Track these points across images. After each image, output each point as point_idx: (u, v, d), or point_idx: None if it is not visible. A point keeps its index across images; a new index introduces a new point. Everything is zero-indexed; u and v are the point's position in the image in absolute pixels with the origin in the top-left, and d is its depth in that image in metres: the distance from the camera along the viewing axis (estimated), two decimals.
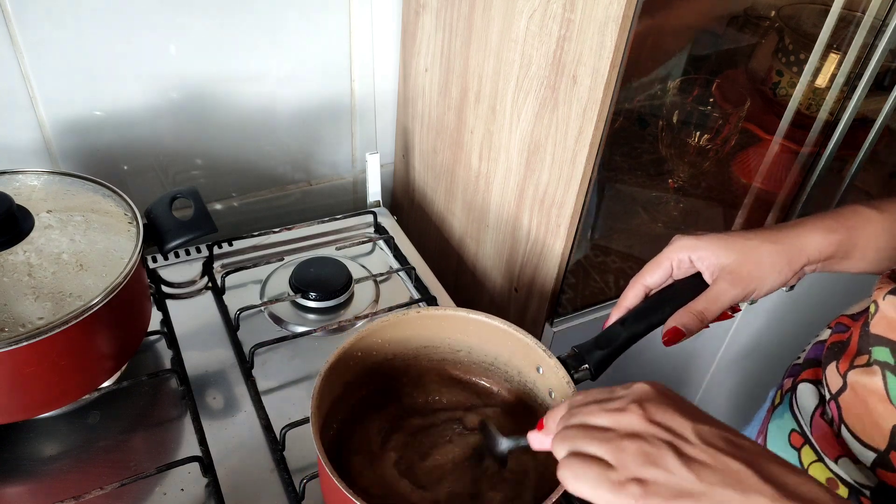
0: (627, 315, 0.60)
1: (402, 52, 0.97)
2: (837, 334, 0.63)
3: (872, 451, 0.55)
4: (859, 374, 0.56)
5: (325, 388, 0.57)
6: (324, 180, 1.04)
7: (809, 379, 0.65)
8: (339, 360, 0.59)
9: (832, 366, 0.60)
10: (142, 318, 0.69)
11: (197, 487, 0.63)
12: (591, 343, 0.60)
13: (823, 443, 0.60)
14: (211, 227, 0.71)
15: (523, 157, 0.78)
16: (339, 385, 0.61)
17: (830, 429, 0.60)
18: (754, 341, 1.21)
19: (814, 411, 0.62)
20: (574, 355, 0.60)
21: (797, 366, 0.69)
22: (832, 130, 0.90)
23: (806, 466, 0.61)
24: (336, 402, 0.61)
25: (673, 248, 0.60)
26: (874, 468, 0.55)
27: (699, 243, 0.59)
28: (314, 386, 0.55)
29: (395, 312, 0.63)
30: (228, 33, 0.84)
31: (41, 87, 0.78)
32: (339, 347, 0.59)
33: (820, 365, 0.64)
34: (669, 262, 0.60)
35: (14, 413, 0.61)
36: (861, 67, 0.86)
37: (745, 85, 1.10)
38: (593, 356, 0.59)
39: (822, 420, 0.61)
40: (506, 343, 0.63)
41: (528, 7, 0.70)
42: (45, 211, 0.64)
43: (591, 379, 0.60)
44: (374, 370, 0.64)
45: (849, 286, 1.26)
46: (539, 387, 0.62)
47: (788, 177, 1.03)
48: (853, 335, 0.60)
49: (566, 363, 0.59)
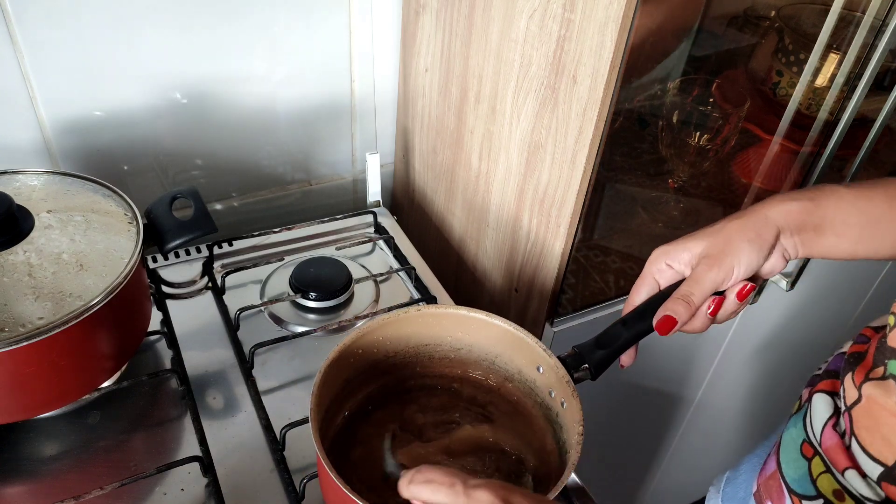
0: (629, 315, 0.60)
1: (402, 52, 0.97)
2: (857, 345, 0.63)
3: (880, 465, 0.55)
4: (874, 386, 0.56)
5: (325, 386, 0.57)
6: (324, 180, 1.04)
7: (826, 390, 0.64)
8: (339, 358, 0.59)
9: (849, 377, 0.59)
10: (142, 318, 0.69)
11: (197, 487, 0.63)
12: (591, 343, 0.60)
13: (832, 454, 0.59)
14: (211, 227, 0.71)
15: (523, 157, 0.78)
16: (340, 381, 0.61)
17: (841, 440, 0.59)
18: (755, 344, 1.21)
19: (826, 422, 0.62)
20: (574, 355, 0.60)
21: (817, 376, 0.69)
22: (832, 130, 0.90)
23: (815, 477, 0.61)
24: (336, 399, 0.61)
25: (650, 262, 0.61)
26: (880, 482, 0.55)
27: (670, 247, 0.60)
28: (314, 382, 0.55)
29: (395, 311, 0.63)
30: (229, 33, 0.84)
31: (41, 87, 0.78)
32: (340, 344, 0.59)
33: (838, 377, 0.64)
34: (651, 275, 0.61)
35: (14, 413, 0.61)
36: (861, 67, 0.86)
37: (745, 85, 1.10)
38: (594, 356, 0.59)
39: (835, 431, 0.60)
40: (506, 342, 0.63)
41: (528, 7, 0.70)
42: (45, 211, 0.64)
43: (591, 379, 0.60)
44: (374, 367, 0.64)
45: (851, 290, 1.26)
46: (539, 386, 0.62)
47: (788, 177, 1.03)
48: (871, 347, 0.60)
49: (566, 363, 0.59)
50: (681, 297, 0.57)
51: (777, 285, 1.07)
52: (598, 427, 1.11)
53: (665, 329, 0.57)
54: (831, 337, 1.31)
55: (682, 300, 0.57)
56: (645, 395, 1.15)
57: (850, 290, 1.26)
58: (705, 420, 1.33)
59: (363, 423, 0.63)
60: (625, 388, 1.07)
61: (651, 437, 1.32)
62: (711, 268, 0.57)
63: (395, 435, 0.62)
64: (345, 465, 0.59)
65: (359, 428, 0.62)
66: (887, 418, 0.54)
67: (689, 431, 1.33)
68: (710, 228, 0.59)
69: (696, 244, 0.58)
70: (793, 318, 1.21)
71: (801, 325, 1.23)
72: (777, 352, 1.26)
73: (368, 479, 0.58)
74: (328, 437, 0.60)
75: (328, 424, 0.60)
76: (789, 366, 1.29)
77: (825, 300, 1.22)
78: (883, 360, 0.56)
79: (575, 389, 0.57)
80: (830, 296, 1.22)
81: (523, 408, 0.65)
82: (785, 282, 1.05)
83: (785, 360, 1.29)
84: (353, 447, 0.61)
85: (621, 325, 0.60)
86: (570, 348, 0.60)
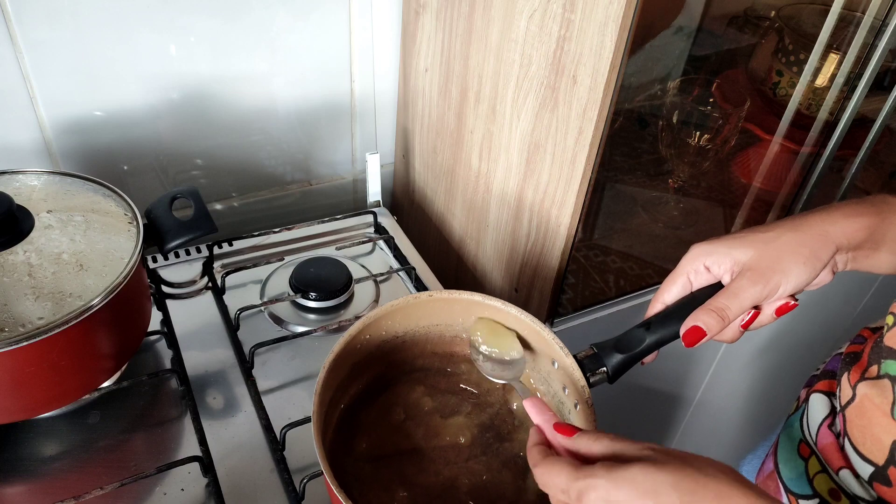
0: (653, 318, 0.57)
1: (402, 52, 0.97)
2: (854, 345, 0.62)
3: (871, 465, 0.54)
4: (868, 386, 0.55)
5: (331, 378, 0.56)
6: (324, 180, 1.04)
7: (823, 390, 0.63)
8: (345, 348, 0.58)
9: (845, 376, 0.58)
10: (142, 318, 0.69)
11: (197, 487, 0.63)
12: (610, 344, 0.56)
13: (827, 454, 0.59)
14: (211, 227, 0.71)
15: (523, 157, 0.78)
16: (347, 367, 0.60)
17: (836, 440, 0.59)
18: (755, 344, 1.21)
19: (822, 422, 0.61)
20: (592, 356, 0.56)
21: (814, 377, 0.68)
22: (832, 130, 0.91)
23: (811, 477, 0.60)
24: (342, 384, 0.61)
25: (687, 259, 0.57)
26: (871, 482, 0.54)
27: (713, 247, 0.55)
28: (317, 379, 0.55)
29: (407, 296, 0.62)
30: (229, 33, 0.84)
31: (41, 87, 0.78)
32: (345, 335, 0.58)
33: (835, 377, 0.63)
34: (685, 275, 0.56)
35: (14, 413, 0.61)
36: (861, 67, 0.86)
37: (745, 85, 1.10)
38: (612, 359, 0.55)
39: (830, 431, 0.60)
40: (522, 333, 0.61)
41: (528, 7, 0.70)
42: (45, 211, 0.64)
43: (608, 383, 0.56)
44: (383, 348, 0.63)
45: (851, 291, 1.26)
46: (553, 379, 0.60)
47: (788, 177, 1.03)
48: (867, 347, 0.59)
49: (583, 364, 0.56)
50: (715, 310, 0.52)
51: None
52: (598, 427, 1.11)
53: (693, 341, 0.53)
54: (831, 337, 1.31)
55: (716, 313, 0.52)
56: (645, 395, 1.15)
57: (850, 291, 1.26)
58: (705, 420, 1.33)
59: (371, 403, 0.62)
60: (625, 388, 1.07)
61: (651, 438, 1.32)
62: (755, 283, 0.52)
63: (404, 415, 0.61)
64: (351, 448, 0.59)
65: (366, 408, 0.62)
66: (880, 418, 0.53)
67: (689, 431, 1.33)
68: (761, 235, 0.54)
69: (742, 251, 0.54)
70: (793, 319, 1.20)
71: (801, 326, 1.23)
72: (777, 352, 1.26)
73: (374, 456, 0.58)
74: (334, 419, 0.60)
75: (334, 406, 0.60)
76: (789, 366, 1.29)
77: (825, 300, 1.22)
78: (878, 360, 0.55)
79: (590, 396, 0.54)
80: (830, 296, 1.22)
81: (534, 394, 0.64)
82: None
83: (785, 361, 1.29)
84: (360, 427, 0.61)
85: (644, 329, 0.56)
86: (589, 346, 0.57)
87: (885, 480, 0.53)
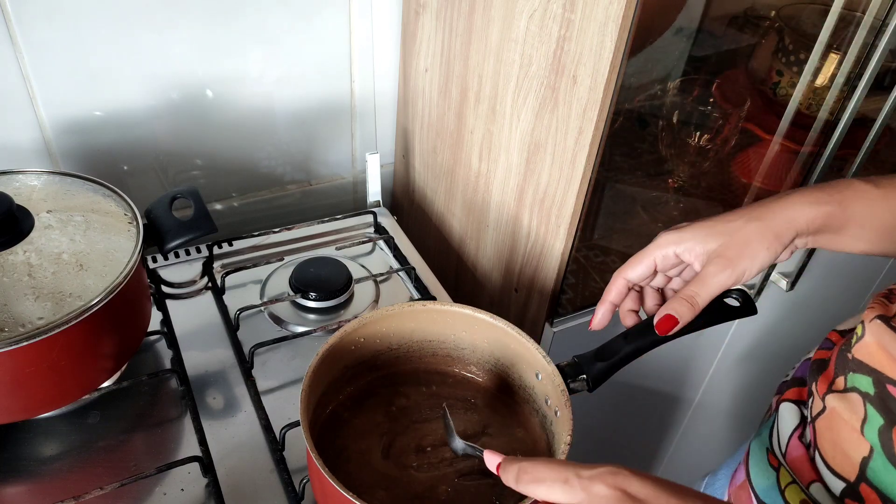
0: (631, 329, 0.59)
1: (402, 52, 0.97)
2: (822, 351, 0.62)
3: (842, 481, 0.53)
4: (837, 399, 0.54)
5: (322, 369, 0.57)
6: (324, 180, 1.04)
7: (793, 399, 0.63)
8: (339, 343, 0.59)
9: (815, 385, 0.58)
10: (142, 318, 0.69)
11: (197, 487, 0.63)
12: (591, 354, 0.59)
13: (797, 466, 0.58)
14: (211, 227, 0.71)
15: (523, 157, 0.78)
16: (338, 369, 0.61)
17: (807, 452, 0.58)
18: (755, 344, 1.21)
19: (792, 433, 0.60)
20: (573, 364, 0.59)
21: (784, 383, 0.67)
22: (832, 130, 0.90)
23: (783, 488, 0.59)
24: (332, 386, 0.61)
25: (656, 244, 0.59)
26: (843, 498, 0.53)
27: (682, 235, 0.58)
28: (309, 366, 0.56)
29: (400, 304, 0.63)
30: (229, 33, 0.84)
31: (41, 87, 0.78)
32: (341, 330, 0.60)
33: (805, 384, 0.63)
34: (652, 257, 0.59)
35: (14, 413, 0.61)
36: (861, 67, 0.86)
37: (745, 85, 1.10)
38: (592, 368, 0.58)
39: (800, 442, 0.59)
40: (508, 345, 0.63)
41: (528, 7, 0.70)
42: (45, 211, 0.64)
43: (588, 391, 0.59)
44: (375, 357, 0.64)
45: (850, 290, 1.26)
46: (537, 393, 0.62)
47: (788, 176, 1.03)
48: (833, 354, 0.58)
49: (564, 371, 0.58)
50: (686, 298, 0.56)
51: (777, 285, 1.07)
52: (598, 427, 1.11)
53: (665, 329, 0.56)
54: None
55: (687, 301, 0.55)
56: (645, 396, 1.15)
57: (850, 291, 1.26)
58: (705, 421, 1.33)
59: (359, 411, 0.63)
60: (625, 389, 1.07)
61: (651, 438, 1.32)
62: (723, 269, 0.55)
63: (389, 425, 0.62)
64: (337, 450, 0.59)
65: (354, 415, 0.62)
66: (849, 433, 0.52)
67: (689, 432, 1.33)
68: (728, 225, 0.57)
69: (711, 239, 0.57)
70: (793, 318, 1.20)
71: (801, 326, 1.23)
72: (777, 352, 1.26)
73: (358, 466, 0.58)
74: (321, 419, 0.61)
75: (322, 407, 0.61)
76: (789, 366, 1.29)
77: (825, 300, 1.22)
78: (843, 371, 0.54)
79: (569, 399, 0.56)
80: (830, 296, 1.22)
81: (521, 415, 0.64)
82: (785, 282, 1.05)
83: (784, 361, 1.29)
84: (347, 433, 0.61)
85: (622, 339, 0.59)
86: (571, 357, 0.59)
87: (856, 497, 0.52)
